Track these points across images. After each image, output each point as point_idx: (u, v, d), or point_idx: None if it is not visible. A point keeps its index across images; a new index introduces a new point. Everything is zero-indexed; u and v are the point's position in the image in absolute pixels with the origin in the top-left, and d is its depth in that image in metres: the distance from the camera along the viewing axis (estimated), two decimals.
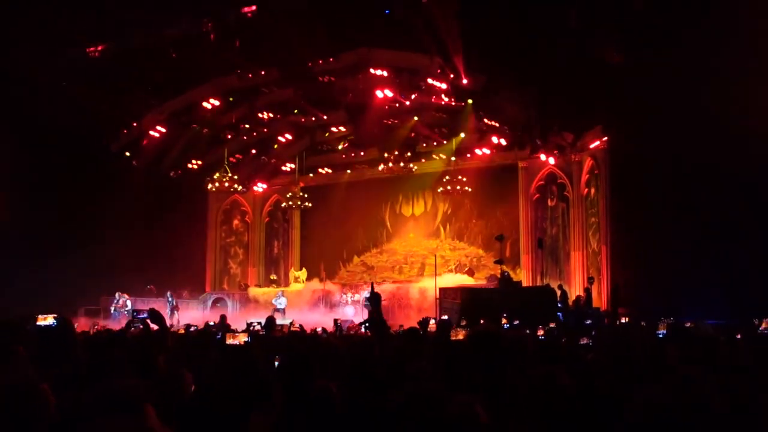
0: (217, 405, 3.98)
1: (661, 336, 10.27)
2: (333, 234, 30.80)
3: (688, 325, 13.65)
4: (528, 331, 12.47)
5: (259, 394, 3.98)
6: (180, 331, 14.43)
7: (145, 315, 5.17)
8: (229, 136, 27.62)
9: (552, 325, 14.19)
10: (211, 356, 5.86)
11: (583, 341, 8.62)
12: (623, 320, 16.26)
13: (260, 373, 4.42)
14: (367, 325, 17.27)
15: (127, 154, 26.04)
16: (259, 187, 31.81)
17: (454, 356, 5.01)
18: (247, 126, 27.10)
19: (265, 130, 27.61)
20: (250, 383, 4.09)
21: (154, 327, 5.46)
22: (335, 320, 17.24)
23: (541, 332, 11.58)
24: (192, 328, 10.85)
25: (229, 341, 6.61)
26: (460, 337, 6.59)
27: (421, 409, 2.73)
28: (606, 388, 3.88)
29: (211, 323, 15.48)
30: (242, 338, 6.79)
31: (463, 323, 13.92)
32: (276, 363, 5.10)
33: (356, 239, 30.91)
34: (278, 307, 26.18)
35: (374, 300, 5.52)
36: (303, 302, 26.89)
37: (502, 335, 4.48)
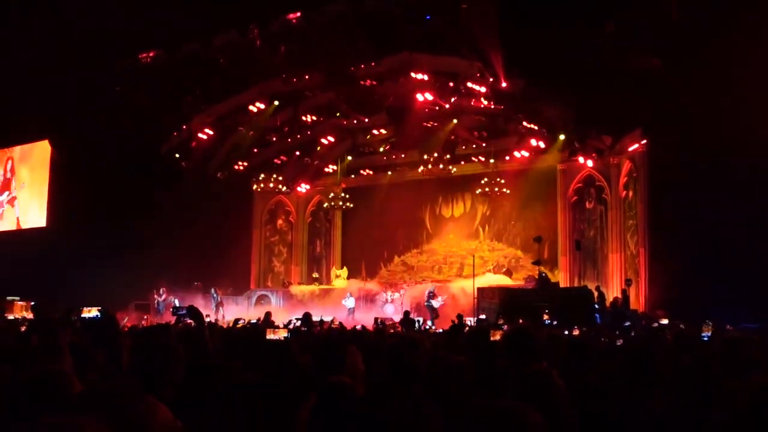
0: (257, 399, 4.03)
1: (705, 339, 10.10)
2: (374, 234, 30.85)
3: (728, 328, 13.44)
4: (566, 332, 12.40)
5: (300, 389, 4.02)
6: (229, 325, 14.65)
7: (185, 311, 5.29)
8: (274, 139, 27.90)
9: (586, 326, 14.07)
10: (255, 351, 5.93)
11: (620, 342, 8.53)
12: (662, 322, 16.06)
13: (299, 368, 4.47)
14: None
15: (177, 156, 26.46)
16: (303, 188, 32.03)
17: (490, 353, 5.02)
18: (291, 129, 27.35)
19: (309, 132, 27.83)
20: (290, 378, 4.15)
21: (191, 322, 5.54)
22: (376, 319, 17.31)
23: (576, 332, 11.49)
24: (240, 322, 11.04)
25: (269, 336, 6.69)
26: (498, 337, 6.54)
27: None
28: (622, 392, 3.87)
29: (254, 321, 15.67)
30: (282, 334, 6.87)
31: (500, 322, 13.87)
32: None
33: (396, 239, 30.91)
34: (348, 306, 26.41)
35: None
36: (339, 299, 27.00)
37: (537, 334, 4.51)
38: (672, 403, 4.06)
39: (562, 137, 24.86)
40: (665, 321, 17.18)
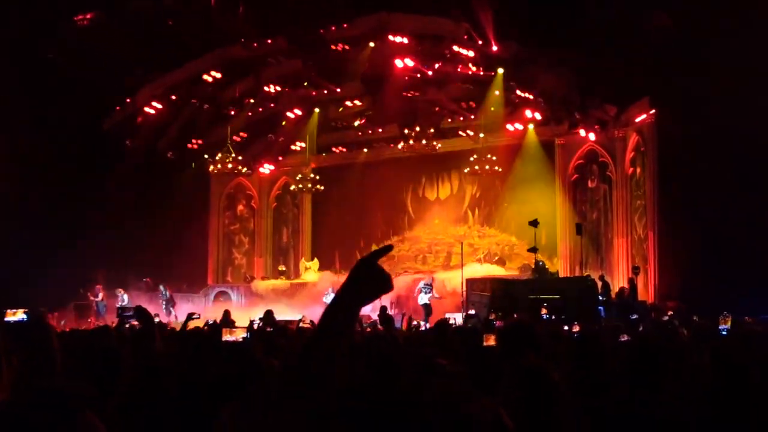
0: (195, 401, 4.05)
1: (724, 333, 10.20)
2: (348, 220, 30.84)
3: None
4: (567, 327, 12.49)
5: (234, 389, 4.07)
6: (180, 327, 14.53)
7: (131, 312, 5.28)
8: (233, 113, 27.70)
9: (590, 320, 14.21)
10: (210, 354, 5.94)
11: (624, 338, 8.58)
12: (669, 314, 16.23)
13: (263, 372, 4.50)
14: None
15: (121, 133, 26.16)
16: (266, 168, 31.91)
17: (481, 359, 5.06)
18: (252, 101, 27.17)
19: (273, 105, 27.66)
20: (247, 381, 4.18)
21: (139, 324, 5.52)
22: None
23: (577, 327, 11.58)
24: (195, 316, 10.98)
25: (226, 338, 6.67)
26: (492, 343, 6.54)
27: (439, 409, 2.75)
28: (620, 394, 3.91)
29: (212, 322, 15.61)
30: (240, 334, 6.85)
31: (492, 317, 13.95)
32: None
33: (374, 226, 30.92)
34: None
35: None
36: (315, 296, 26.98)
37: (538, 329, 4.55)
38: (691, 404, 4.11)
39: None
40: (676, 313, 17.34)
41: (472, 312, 17.85)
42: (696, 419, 3.95)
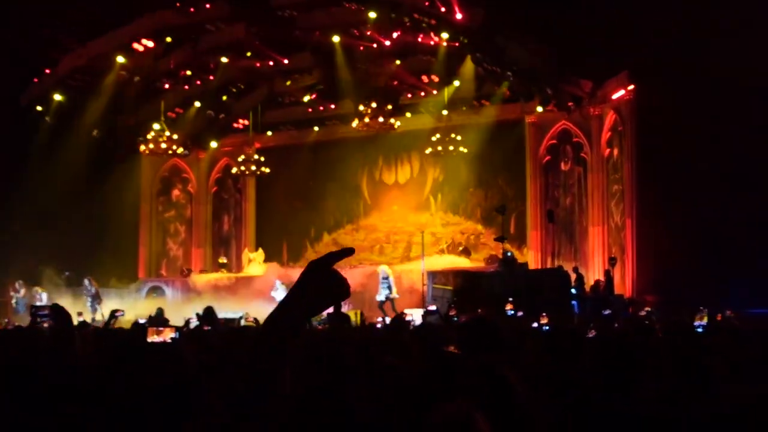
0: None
1: (700, 330, 10.36)
2: (297, 207, 30.75)
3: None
4: (536, 324, 12.61)
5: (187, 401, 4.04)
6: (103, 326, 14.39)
7: (46, 312, 5.26)
8: (167, 86, 27.37)
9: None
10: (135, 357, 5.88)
11: (591, 334, 8.72)
12: (647, 309, 16.47)
13: (190, 377, 4.46)
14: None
15: (39, 108, 25.71)
16: (205, 149, 31.62)
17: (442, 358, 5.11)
18: (188, 73, 26.86)
19: (212, 78, 27.37)
20: (175, 389, 4.14)
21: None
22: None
23: (544, 320, 11.72)
24: (118, 313, 10.82)
25: (152, 339, 6.61)
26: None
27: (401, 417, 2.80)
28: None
29: (143, 321, 15.46)
30: (168, 335, 6.79)
31: (452, 314, 14.02)
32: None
33: (326, 213, 30.88)
34: (279, 299, 26.07)
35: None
36: (260, 291, 26.86)
37: (502, 326, 4.59)
38: (656, 406, 4.19)
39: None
40: (654, 308, 17.61)
41: (432, 308, 17.90)
42: (668, 419, 4.03)
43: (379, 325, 14.53)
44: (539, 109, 26.26)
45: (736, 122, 18.58)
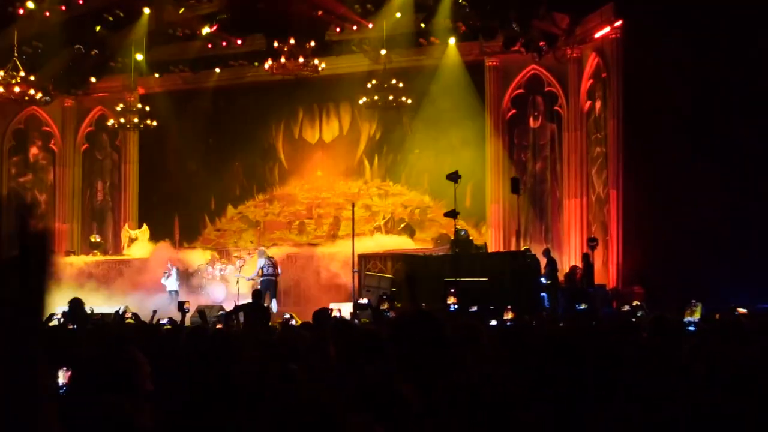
0: None
1: (691, 329, 10.38)
2: (193, 171, 30.50)
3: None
4: (495, 322, 12.55)
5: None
6: None
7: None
8: (22, 12, 26.62)
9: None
10: None
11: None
12: (634, 304, 16.54)
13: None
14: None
15: None
16: (73, 94, 30.99)
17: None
18: None
19: (81, 2, 26.72)
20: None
21: None
22: (179, 303, 16.97)
23: (509, 315, 11.64)
24: None
25: None
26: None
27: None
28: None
29: None
30: None
31: (384, 307, 13.84)
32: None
33: (231, 179, 30.80)
34: (170, 289, 25.82)
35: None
36: (144, 279, 26.54)
37: (445, 321, 4.63)
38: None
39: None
40: (643, 301, 17.71)
41: (364, 301, 17.74)
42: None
43: (292, 322, 14.30)
44: (503, 49, 26.19)
45: (744, 65, 18.67)
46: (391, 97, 26.64)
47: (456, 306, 15.26)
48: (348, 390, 3.68)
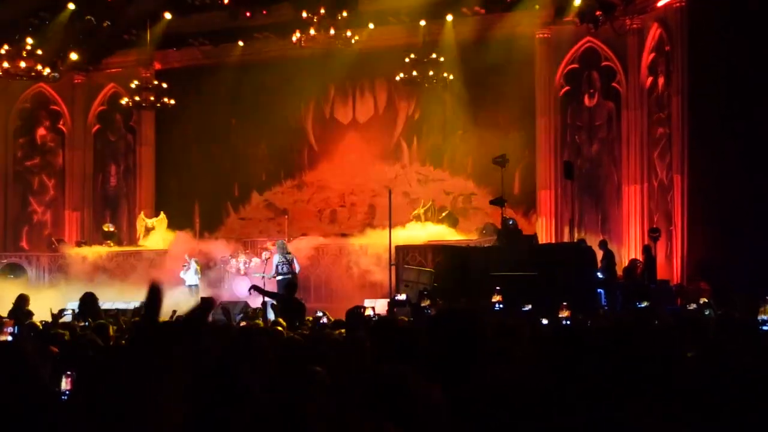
0: None
1: (766, 328, 10.36)
2: (215, 154, 30.63)
3: None
4: (545, 321, 12.58)
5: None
6: None
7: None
8: None
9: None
10: None
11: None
12: (701, 301, 16.48)
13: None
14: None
15: None
16: (84, 70, 31.24)
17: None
18: None
19: None
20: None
21: None
22: (202, 299, 17.18)
23: (565, 313, 11.68)
24: None
25: None
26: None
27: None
28: None
29: None
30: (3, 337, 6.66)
31: (425, 304, 13.95)
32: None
33: (256, 163, 30.92)
34: (189, 283, 25.93)
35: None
36: (162, 272, 26.74)
37: (486, 321, 4.71)
38: None
39: None
40: (711, 298, 17.65)
41: (402, 297, 17.84)
42: None
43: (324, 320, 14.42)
44: (555, 20, 26.18)
45: None
46: (431, 73, 26.65)
47: (501, 305, 15.26)
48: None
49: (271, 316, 16.23)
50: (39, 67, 27.38)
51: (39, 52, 26.94)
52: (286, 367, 5.27)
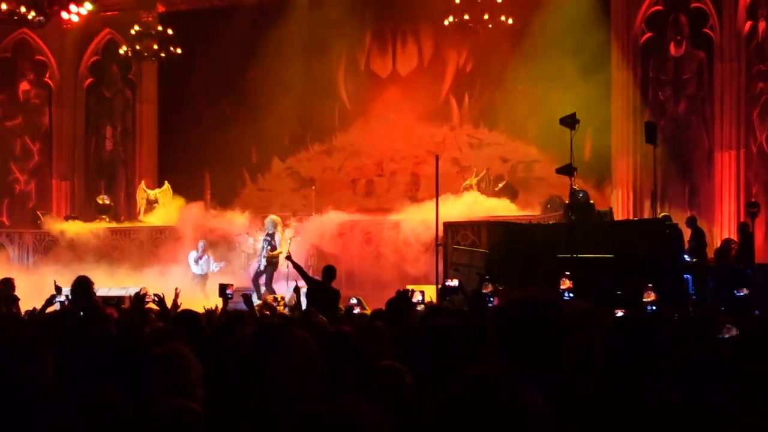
0: None
1: None
2: (229, 114, 30.79)
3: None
4: (620, 312, 12.63)
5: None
6: None
7: None
8: None
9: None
10: None
11: (729, 334, 8.60)
12: None
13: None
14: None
15: None
16: (73, 13, 31.38)
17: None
18: None
19: None
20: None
21: None
22: (221, 286, 17.30)
23: (650, 297, 11.74)
24: None
25: None
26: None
27: None
28: None
29: None
30: None
31: (488, 290, 13.99)
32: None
33: (278, 124, 30.88)
34: (196, 272, 26.11)
35: None
36: (166, 251, 26.95)
37: (564, 308, 4.67)
38: None
39: None
40: None
41: (453, 283, 17.88)
42: None
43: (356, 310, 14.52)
44: None
45: None
46: (486, 17, 26.68)
47: (571, 293, 15.27)
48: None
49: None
50: (22, 9, 27.55)
51: None
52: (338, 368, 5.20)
